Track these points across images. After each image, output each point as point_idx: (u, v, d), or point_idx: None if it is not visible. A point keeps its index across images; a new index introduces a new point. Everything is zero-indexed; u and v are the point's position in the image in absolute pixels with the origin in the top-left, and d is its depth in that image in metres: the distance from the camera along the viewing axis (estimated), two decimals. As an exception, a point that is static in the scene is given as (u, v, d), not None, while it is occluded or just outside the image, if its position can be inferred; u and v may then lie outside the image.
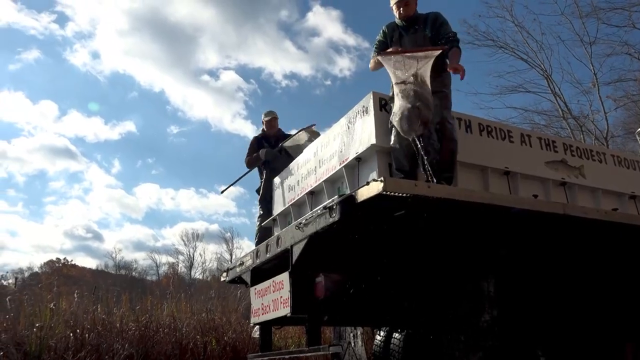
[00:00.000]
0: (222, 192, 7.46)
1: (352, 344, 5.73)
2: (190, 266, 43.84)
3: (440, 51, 3.99)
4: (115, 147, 63.80)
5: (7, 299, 10.67)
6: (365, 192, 3.33)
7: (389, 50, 4.29)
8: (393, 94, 4.10)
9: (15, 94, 61.18)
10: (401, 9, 4.45)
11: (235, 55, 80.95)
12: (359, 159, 4.43)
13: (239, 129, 67.51)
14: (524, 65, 19.58)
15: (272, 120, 7.01)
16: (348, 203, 3.45)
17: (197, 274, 43.23)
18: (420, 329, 4.89)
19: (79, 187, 65.34)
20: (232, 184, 7.35)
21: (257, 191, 6.84)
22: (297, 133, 6.39)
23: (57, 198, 66.42)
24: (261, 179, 6.82)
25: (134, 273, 43.23)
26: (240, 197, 66.55)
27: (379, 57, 4.10)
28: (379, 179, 3.26)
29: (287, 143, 6.42)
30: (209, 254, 45.45)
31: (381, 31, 4.67)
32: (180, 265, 44.13)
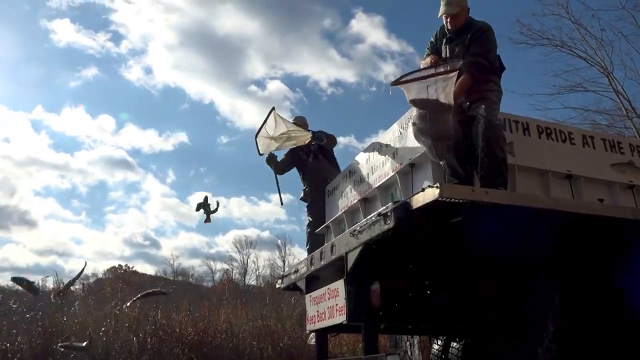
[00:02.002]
0: (282, 204, 7.38)
1: (409, 353, 5.65)
2: (244, 273, 44.64)
3: (456, 72, 3.83)
4: (169, 157, 66.32)
5: (75, 304, 11.29)
6: (421, 199, 3.29)
7: (402, 79, 4.13)
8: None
9: (76, 110, 64.94)
10: (449, 19, 4.40)
11: (280, 65, 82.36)
12: (412, 165, 4.38)
13: (286, 137, 68.37)
14: (582, 64, 18.71)
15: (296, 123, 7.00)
16: (403, 210, 3.42)
17: (251, 280, 43.99)
18: (479, 338, 4.76)
19: (137, 196, 68.33)
20: (279, 194, 7.23)
21: (302, 199, 6.85)
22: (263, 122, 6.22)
23: (117, 207, 69.68)
24: (304, 185, 6.84)
25: (190, 279, 44.48)
26: (290, 204, 67.25)
27: (392, 87, 4.02)
28: (435, 185, 3.22)
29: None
30: (261, 261, 46.12)
31: (435, 32, 4.64)
32: (234, 271, 45.04)
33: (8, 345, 9.60)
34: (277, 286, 6.29)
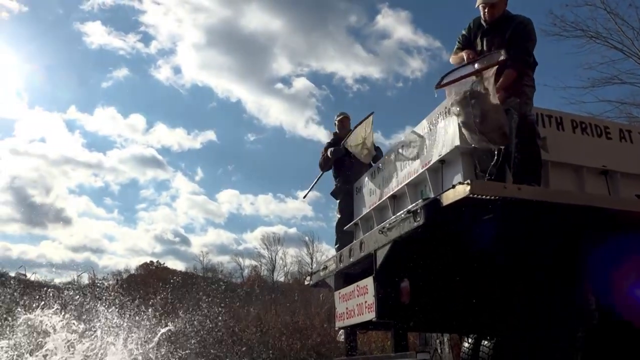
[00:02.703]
0: (305, 196, 7.50)
1: (439, 351, 5.60)
2: (273, 269, 44.91)
3: (498, 63, 3.73)
4: (197, 155, 67.19)
5: (110, 299, 11.60)
6: (451, 196, 3.26)
7: (444, 81, 4.03)
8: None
9: (108, 110, 66.43)
10: (487, 9, 4.28)
11: (306, 62, 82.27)
12: (442, 162, 4.33)
13: (312, 134, 68.47)
14: (618, 55, 18.09)
15: (343, 119, 7.02)
16: (433, 207, 3.39)
17: (279, 277, 44.27)
18: (511, 336, 4.68)
19: (167, 194, 69.40)
20: (310, 189, 7.42)
21: (332, 194, 6.87)
22: (355, 128, 6.32)
23: (148, 205, 70.82)
24: (335, 182, 6.85)
25: (220, 275, 45.01)
26: (317, 201, 67.30)
27: (436, 90, 3.94)
28: (466, 182, 3.18)
29: (348, 141, 6.35)
30: (289, 258, 46.29)
31: (467, 25, 4.54)
32: (262, 268, 45.39)
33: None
34: (306, 283, 6.32)
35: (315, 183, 7.12)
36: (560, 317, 3.97)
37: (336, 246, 6.41)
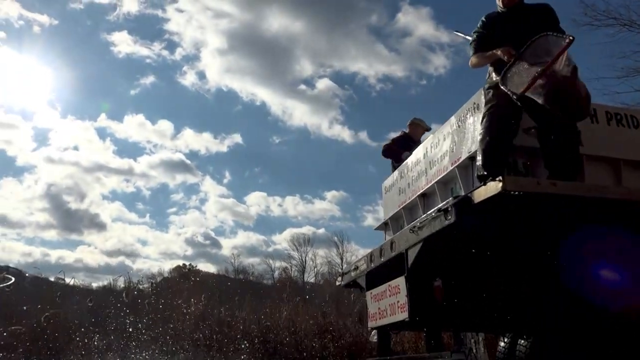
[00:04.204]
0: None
1: (474, 350, 5.53)
2: (303, 270, 45.12)
3: (567, 47, 3.53)
4: (225, 159, 68.22)
5: (145, 302, 11.86)
6: (483, 193, 3.21)
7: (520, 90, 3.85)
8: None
9: (137, 117, 68.17)
10: None
11: (329, 62, 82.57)
12: (472, 158, 4.27)
13: (337, 135, 68.73)
14: (654, 42, 17.53)
15: (416, 127, 6.98)
16: (464, 205, 3.35)
17: (309, 277, 44.42)
18: (549, 335, 4.58)
19: (196, 198, 70.59)
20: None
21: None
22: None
23: (178, 209, 72.36)
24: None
25: (251, 277, 45.47)
26: (344, 202, 67.35)
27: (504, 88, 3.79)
28: (498, 178, 3.12)
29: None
30: (319, 259, 46.42)
31: (480, 22, 4.35)
32: (293, 269, 45.64)
33: (86, 341, 10.22)
34: (337, 283, 6.33)
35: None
36: (597, 315, 3.86)
37: None
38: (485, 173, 3.64)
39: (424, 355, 4.14)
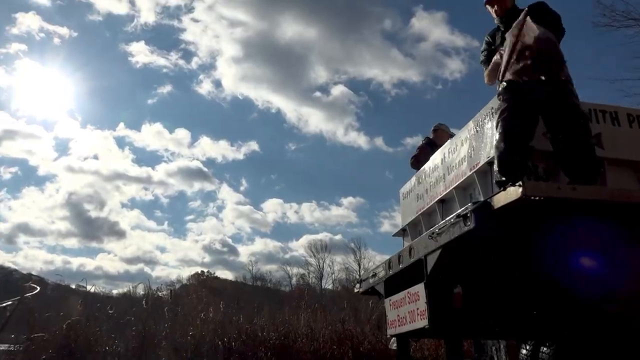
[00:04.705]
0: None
1: (496, 358, 5.44)
2: (321, 277, 45.08)
3: (526, 12, 3.66)
4: (241, 166, 69.15)
5: (165, 310, 11.93)
6: (503, 198, 3.18)
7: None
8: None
9: (154, 125, 69.38)
10: (495, 6, 4.17)
11: (343, 69, 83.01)
12: (491, 163, 4.23)
13: (352, 141, 68.92)
14: (676, 43, 17.17)
15: (442, 133, 6.95)
16: (484, 210, 3.32)
17: (327, 284, 44.33)
18: (572, 342, 4.49)
19: (213, 205, 71.47)
20: None
21: None
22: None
23: (196, 216, 73.26)
24: None
25: (268, 284, 45.57)
26: (361, 207, 67.22)
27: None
28: (517, 183, 3.09)
29: None
30: (336, 265, 46.27)
31: (484, 42, 4.40)
32: (310, 276, 45.60)
33: (107, 348, 10.32)
34: (355, 290, 6.30)
35: None
36: (624, 323, 3.78)
37: None
38: (504, 179, 3.61)
39: (445, 363, 4.09)
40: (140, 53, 76.91)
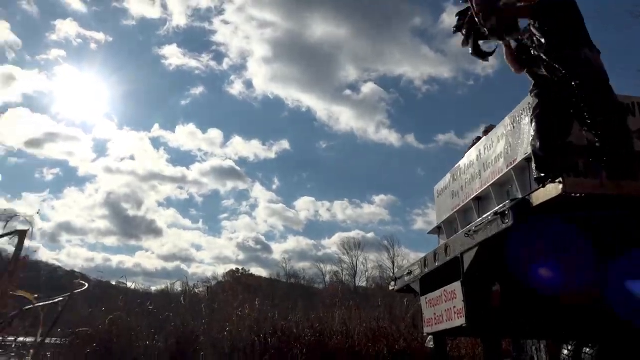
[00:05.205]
0: None
1: (536, 358, 5.33)
2: (354, 274, 45.05)
3: None
4: (273, 165, 69.74)
5: (202, 306, 12.18)
6: (542, 195, 3.12)
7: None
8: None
9: (188, 126, 70.73)
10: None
11: (373, 67, 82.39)
12: (529, 160, 4.15)
13: (384, 139, 68.50)
14: None
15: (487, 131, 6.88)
16: (522, 207, 3.26)
17: (361, 282, 44.24)
18: (615, 343, 4.36)
19: (247, 203, 72.40)
20: None
21: None
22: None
23: (230, 214, 74.14)
24: None
25: (302, 282, 45.82)
26: (393, 205, 66.75)
27: None
28: (557, 180, 3.02)
29: None
30: (370, 263, 46.09)
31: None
32: (344, 273, 45.61)
33: (147, 343, 10.61)
34: (391, 288, 6.27)
35: None
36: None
37: None
38: (543, 175, 3.54)
39: (483, 362, 4.04)
40: (173, 56, 78.75)
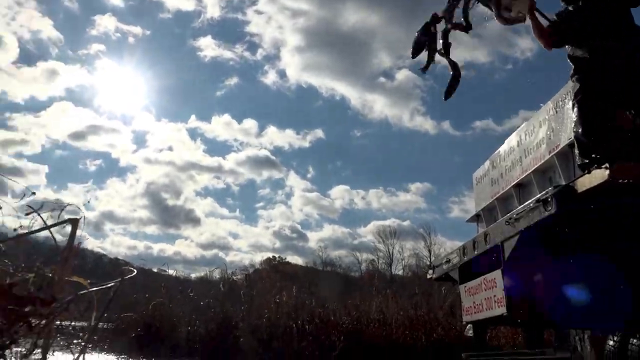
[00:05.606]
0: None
1: (579, 349, 5.20)
2: (390, 263, 44.84)
3: None
4: (307, 154, 69.69)
5: (240, 293, 12.43)
6: (587, 181, 3.02)
7: None
8: None
9: (223, 117, 71.37)
10: None
11: (407, 54, 79.85)
12: (572, 146, 4.02)
13: (418, 126, 67.16)
14: None
15: None
16: (566, 194, 3.17)
17: (397, 270, 44.05)
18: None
19: (282, 192, 72.58)
20: None
21: None
22: None
23: (265, 203, 74.74)
24: None
25: (338, 269, 45.95)
26: (429, 193, 65.92)
27: None
28: (604, 165, 2.92)
29: None
30: (406, 251, 45.72)
31: None
32: (380, 261, 45.49)
33: (189, 328, 10.93)
34: (428, 276, 6.23)
35: None
36: None
37: None
38: (587, 161, 3.43)
39: (524, 352, 3.98)
40: (208, 47, 79.55)
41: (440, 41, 3.94)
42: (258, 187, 72.76)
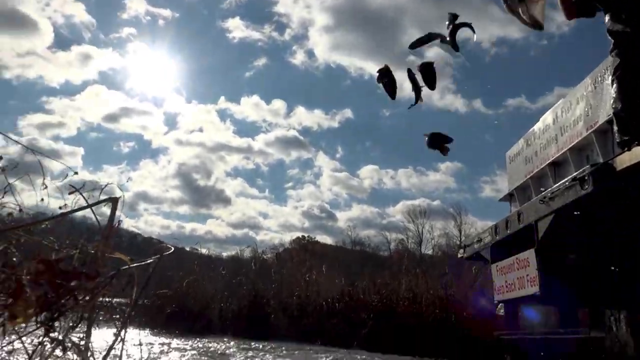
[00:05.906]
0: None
1: (614, 329, 5.12)
2: (420, 242, 44.66)
3: None
4: (336, 134, 69.66)
5: (271, 271, 12.67)
6: (627, 159, 2.94)
7: None
8: None
9: (252, 97, 71.70)
10: None
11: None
12: (611, 122, 3.90)
13: (449, 104, 65.86)
14: None
15: None
16: (604, 173, 3.09)
17: (427, 249, 43.87)
18: None
19: (311, 172, 72.75)
20: None
21: None
22: None
23: (295, 183, 75.24)
24: None
25: (367, 249, 46.09)
26: (459, 173, 65.01)
27: None
28: (645, 143, 2.83)
29: None
30: (436, 231, 45.42)
31: None
32: (409, 241, 45.36)
33: (222, 305, 11.22)
34: (459, 256, 6.21)
35: None
36: None
37: None
38: (627, 138, 3.33)
39: (557, 331, 3.95)
40: (237, 28, 79.76)
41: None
42: (287, 167, 73.11)
